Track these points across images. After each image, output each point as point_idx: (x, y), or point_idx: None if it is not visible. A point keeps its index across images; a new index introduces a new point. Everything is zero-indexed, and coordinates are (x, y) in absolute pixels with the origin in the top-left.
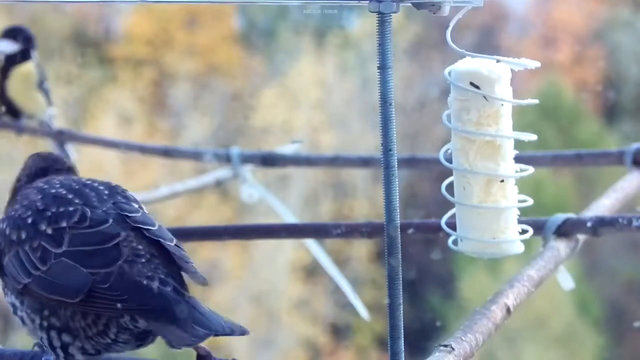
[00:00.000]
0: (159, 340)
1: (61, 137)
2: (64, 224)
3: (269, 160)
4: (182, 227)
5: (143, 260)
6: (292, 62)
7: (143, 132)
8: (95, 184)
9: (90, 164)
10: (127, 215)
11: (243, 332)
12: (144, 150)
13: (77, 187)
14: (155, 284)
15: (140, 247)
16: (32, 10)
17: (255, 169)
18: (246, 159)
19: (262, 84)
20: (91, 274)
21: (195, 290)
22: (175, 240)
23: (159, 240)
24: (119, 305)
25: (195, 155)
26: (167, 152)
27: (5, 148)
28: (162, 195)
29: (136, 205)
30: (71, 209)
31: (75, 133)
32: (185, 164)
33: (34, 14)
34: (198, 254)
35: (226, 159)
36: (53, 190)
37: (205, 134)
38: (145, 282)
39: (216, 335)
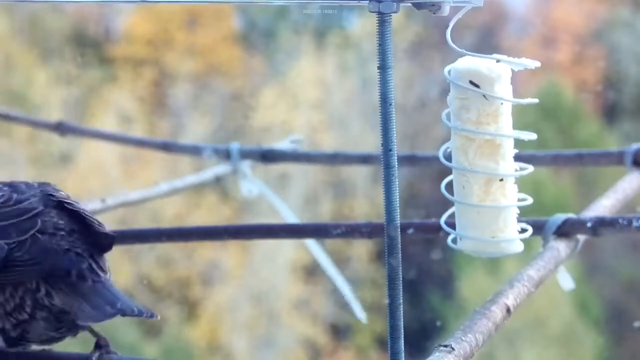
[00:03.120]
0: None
1: (61, 128)
2: None
3: (268, 156)
4: (182, 227)
5: (62, 233)
6: (292, 62)
7: (143, 132)
8: (30, 182)
9: (91, 163)
10: (51, 195)
11: (151, 315)
12: (142, 144)
13: (8, 182)
14: (71, 254)
15: (61, 222)
16: (32, 10)
17: (255, 167)
18: (245, 154)
19: (262, 84)
20: (7, 244)
21: (195, 291)
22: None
23: (82, 217)
24: (35, 267)
25: (194, 151)
26: (166, 147)
27: (5, 148)
28: (161, 191)
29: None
30: (0, 194)
31: (74, 125)
32: (184, 163)
33: (34, 14)
34: (198, 254)
35: (226, 155)
36: None
37: (205, 133)
38: (58, 248)
39: (123, 315)
